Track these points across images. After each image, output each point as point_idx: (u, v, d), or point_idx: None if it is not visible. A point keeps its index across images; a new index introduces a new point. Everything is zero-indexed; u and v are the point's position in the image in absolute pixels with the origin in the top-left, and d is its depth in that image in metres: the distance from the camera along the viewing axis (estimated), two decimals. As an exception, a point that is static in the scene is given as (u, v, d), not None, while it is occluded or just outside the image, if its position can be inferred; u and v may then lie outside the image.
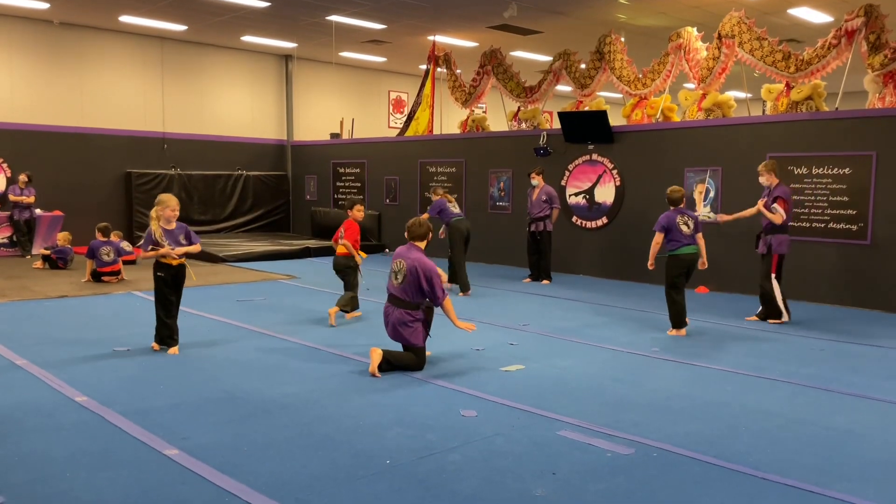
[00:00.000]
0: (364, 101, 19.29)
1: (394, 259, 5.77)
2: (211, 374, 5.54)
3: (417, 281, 5.57)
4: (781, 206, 7.67)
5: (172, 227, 6.10)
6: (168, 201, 6.07)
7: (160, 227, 6.00)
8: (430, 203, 10.37)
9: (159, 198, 6.11)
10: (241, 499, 3.39)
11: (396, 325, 5.65)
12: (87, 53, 14.67)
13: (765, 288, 7.91)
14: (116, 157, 15.03)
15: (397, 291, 5.66)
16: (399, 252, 5.79)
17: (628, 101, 12.19)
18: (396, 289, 5.66)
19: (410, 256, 5.65)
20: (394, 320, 5.67)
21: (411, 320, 5.64)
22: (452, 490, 3.52)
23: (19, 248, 12.95)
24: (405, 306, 5.63)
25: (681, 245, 7.17)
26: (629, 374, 5.72)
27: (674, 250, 7.20)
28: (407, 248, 5.78)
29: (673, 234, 7.16)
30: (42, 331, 7.00)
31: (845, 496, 3.51)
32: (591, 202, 11.62)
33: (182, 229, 6.15)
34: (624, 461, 3.91)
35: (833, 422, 4.63)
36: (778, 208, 7.66)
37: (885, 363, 6.23)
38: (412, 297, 5.62)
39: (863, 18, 9.04)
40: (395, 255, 5.80)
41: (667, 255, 7.25)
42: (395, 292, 5.67)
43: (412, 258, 5.63)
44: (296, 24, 14.22)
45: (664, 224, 7.19)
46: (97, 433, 4.23)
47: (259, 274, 11.24)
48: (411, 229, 5.85)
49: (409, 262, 5.61)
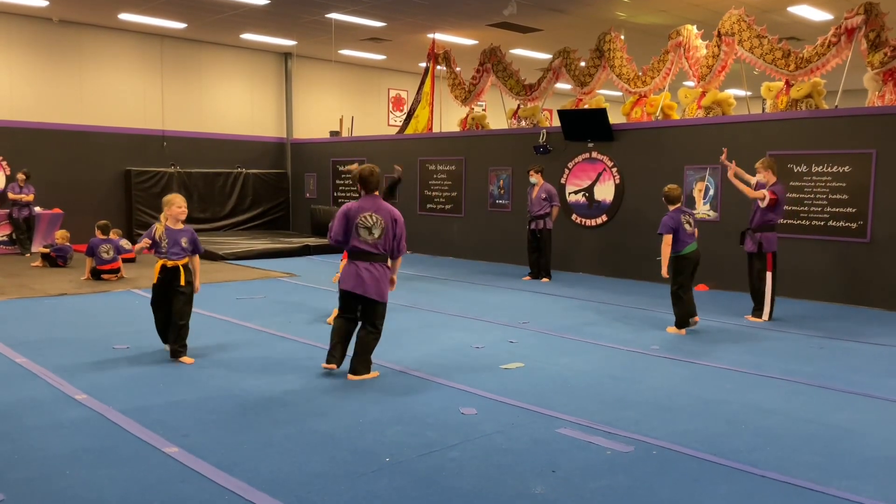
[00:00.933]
0: (363, 98, 19.28)
1: (359, 215, 5.37)
2: (211, 372, 5.54)
3: (393, 232, 5.41)
4: (772, 197, 7.68)
5: (179, 228, 5.91)
6: (173, 200, 5.91)
7: (164, 226, 5.86)
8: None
9: (166, 198, 5.96)
10: (242, 497, 3.39)
11: (380, 280, 5.40)
12: (87, 51, 14.65)
13: (758, 286, 7.91)
14: (116, 154, 15.01)
15: (373, 247, 5.37)
16: (363, 206, 5.40)
17: (628, 99, 12.19)
18: (372, 244, 5.36)
19: (384, 208, 5.41)
20: (377, 276, 5.38)
21: (387, 275, 5.48)
22: (452, 487, 3.53)
23: (18, 247, 12.95)
24: (381, 260, 5.42)
25: (686, 244, 7.15)
26: (629, 372, 5.73)
27: (680, 251, 7.15)
28: (372, 201, 5.44)
29: (679, 234, 7.12)
30: (41, 329, 7.00)
31: (845, 494, 3.51)
32: (590, 200, 11.62)
33: (187, 233, 5.93)
34: (623, 459, 3.92)
35: (833, 419, 4.64)
36: (767, 194, 7.67)
37: (885, 361, 6.24)
38: (386, 250, 5.44)
39: (863, 16, 9.04)
40: (356, 210, 5.39)
41: (673, 255, 7.18)
42: (371, 248, 5.36)
43: (386, 209, 5.41)
44: (295, 22, 14.20)
45: (672, 226, 7.09)
46: (97, 431, 4.23)
47: (258, 272, 11.24)
48: (371, 179, 5.44)
49: (386, 214, 5.39)
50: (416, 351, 6.32)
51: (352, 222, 5.40)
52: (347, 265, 5.48)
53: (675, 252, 7.16)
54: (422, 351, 6.32)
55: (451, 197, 13.76)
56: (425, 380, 5.41)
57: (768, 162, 7.95)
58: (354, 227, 5.39)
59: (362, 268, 5.38)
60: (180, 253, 5.88)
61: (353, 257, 5.44)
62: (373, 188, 5.47)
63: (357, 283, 5.39)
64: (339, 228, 5.46)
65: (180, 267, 5.87)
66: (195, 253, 6.03)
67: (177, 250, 5.86)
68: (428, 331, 7.19)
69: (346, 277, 5.45)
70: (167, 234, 5.84)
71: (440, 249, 13.91)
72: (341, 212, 5.48)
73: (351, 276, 5.42)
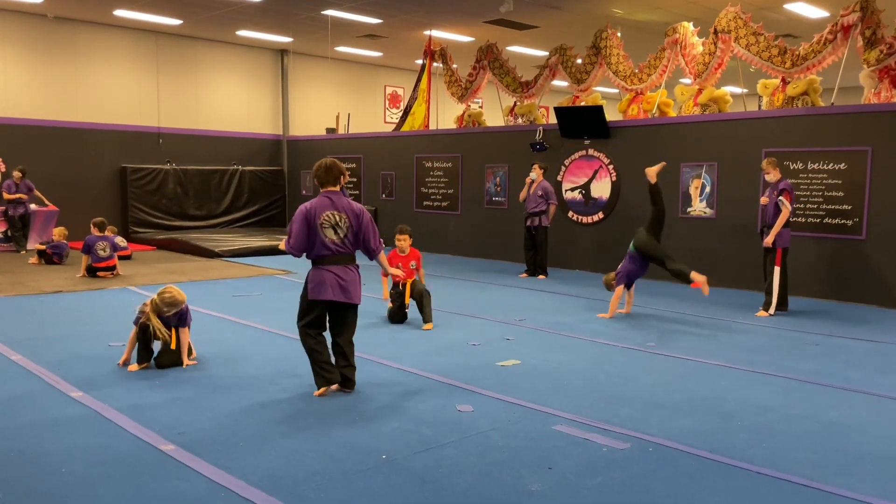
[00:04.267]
0: (360, 95, 19.26)
1: (320, 214, 4.78)
2: (207, 370, 5.53)
3: (357, 228, 4.87)
4: (787, 199, 7.86)
5: (170, 315, 5.52)
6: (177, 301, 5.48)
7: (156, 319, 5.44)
8: None
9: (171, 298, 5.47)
10: (237, 494, 3.38)
11: (357, 283, 4.92)
12: (82, 48, 14.60)
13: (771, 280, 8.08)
14: (111, 151, 14.98)
15: (343, 247, 4.84)
16: (323, 204, 4.80)
17: (624, 97, 12.18)
18: (340, 244, 4.83)
19: (349, 205, 4.87)
20: (355, 279, 4.90)
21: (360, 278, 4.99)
22: (448, 485, 3.53)
23: (13, 244, 12.91)
24: (351, 262, 4.92)
25: None
26: (625, 369, 5.73)
27: None
28: (335, 198, 4.86)
29: None
30: (37, 326, 6.99)
31: (840, 490, 3.52)
32: (587, 197, 11.62)
33: (175, 316, 5.54)
34: (619, 456, 3.92)
35: (828, 416, 4.65)
36: (785, 202, 7.85)
37: (881, 358, 6.25)
38: (353, 250, 4.95)
39: (859, 13, 9.04)
40: (316, 209, 4.78)
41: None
42: (341, 248, 4.83)
43: (347, 205, 4.86)
44: (291, 19, 14.18)
45: None
46: (92, 428, 4.23)
47: (255, 269, 11.22)
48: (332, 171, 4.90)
49: (352, 210, 4.86)
50: (412, 348, 6.31)
51: (314, 224, 4.79)
52: (317, 271, 4.85)
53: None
54: (418, 348, 6.32)
55: (448, 194, 13.75)
56: (422, 377, 5.41)
57: (774, 160, 8.17)
58: (318, 228, 4.78)
59: (338, 272, 4.83)
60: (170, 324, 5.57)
61: (323, 262, 4.83)
62: (332, 182, 4.90)
63: (339, 291, 4.82)
64: (302, 234, 4.77)
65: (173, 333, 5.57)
66: (181, 325, 5.61)
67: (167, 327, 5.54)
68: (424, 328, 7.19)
69: (322, 286, 4.80)
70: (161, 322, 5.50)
71: (436, 247, 13.90)
72: (299, 214, 4.81)
73: (328, 283, 4.79)
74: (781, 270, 7.97)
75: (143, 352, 5.52)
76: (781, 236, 7.93)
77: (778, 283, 7.95)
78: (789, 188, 7.93)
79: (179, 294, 5.53)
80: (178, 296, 5.51)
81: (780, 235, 7.91)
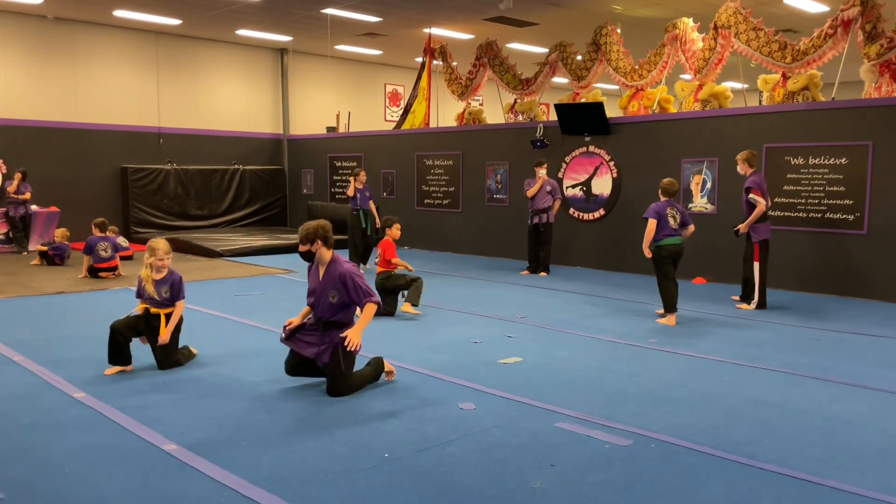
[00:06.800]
0: (360, 94, 19.25)
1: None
2: (208, 369, 5.53)
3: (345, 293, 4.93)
4: (757, 194, 7.88)
5: (161, 277, 5.54)
6: (156, 249, 5.50)
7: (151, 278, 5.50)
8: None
9: (149, 244, 5.55)
10: (240, 493, 3.39)
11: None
12: (82, 48, 14.61)
13: (748, 272, 8.11)
14: (112, 152, 14.98)
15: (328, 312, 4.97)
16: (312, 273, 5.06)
17: (625, 93, 12.17)
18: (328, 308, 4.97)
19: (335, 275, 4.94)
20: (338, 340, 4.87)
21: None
22: (451, 482, 3.53)
23: (15, 245, 12.92)
24: (337, 327, 4.99)
25: (665, 236, 7.33)
26: (627, 366, 5.73)
27: (659, 241, 7.32)
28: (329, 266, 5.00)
29: (661, 224, 7.30)
30: (39, 327, 7.00)
31: (843, 485, 3.52)
32: (587, 194, 11.62)
33: (167, 282, 5.55)
34: (622, 452, 3.92)
35: (830, 411, 4.65)
36: (757, 198, 7.86)
37: (882, 352, 6.25)
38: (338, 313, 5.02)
39: (859, 8, 9.02)
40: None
41: (653, 245, 7.35)
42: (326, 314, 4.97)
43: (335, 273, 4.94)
44: (291, 18, 14.17)
45: (657, 211, 7.32)
46: (96, 429, 4.23)
47: (256, 268, 11.23)
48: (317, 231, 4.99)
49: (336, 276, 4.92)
50: (414, 346, 6.32)
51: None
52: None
53: (654, 241, 7.32)
54: (420, 346, 6.32)
55: (449, 192, 13.74)
56: (423, 375, 5.41)
57: (745, 155, 8.17)
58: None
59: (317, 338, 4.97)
60: (164, 302, 5.55)
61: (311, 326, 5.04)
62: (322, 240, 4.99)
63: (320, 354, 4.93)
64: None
65: (162, 315, 5.53)
66: (175, 300, 5.61)
67: (159, 299, 5.53)
68: (426, 326, 7.19)
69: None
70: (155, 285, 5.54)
71: (437, 244, 13.90)
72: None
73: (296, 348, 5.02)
74: (760, 265, 7.98)
75: (115, 355, 5.37)
76: (758, 230, 7.95)
77: (759, 276, 7.99)
78: (754, 184, 7.93)
79: (155, 241, 5.54)
80: (153, 243, 5.52)
81: (756, 230, 7.94)
